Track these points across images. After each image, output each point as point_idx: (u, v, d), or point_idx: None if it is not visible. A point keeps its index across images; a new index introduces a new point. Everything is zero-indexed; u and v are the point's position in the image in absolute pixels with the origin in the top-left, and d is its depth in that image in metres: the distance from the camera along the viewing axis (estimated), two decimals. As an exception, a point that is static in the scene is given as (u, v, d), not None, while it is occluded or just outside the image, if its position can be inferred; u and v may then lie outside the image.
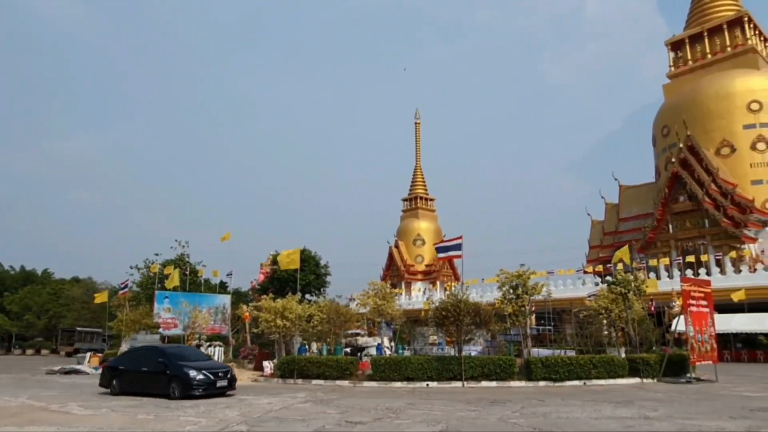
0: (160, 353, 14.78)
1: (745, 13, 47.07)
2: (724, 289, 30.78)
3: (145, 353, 15.33)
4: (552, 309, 34.02)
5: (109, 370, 15.40)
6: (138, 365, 14.70)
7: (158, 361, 14.28)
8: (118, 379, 14.82)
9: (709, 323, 19.43)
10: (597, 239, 52.55)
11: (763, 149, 41.86)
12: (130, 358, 15.63)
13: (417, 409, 11.58)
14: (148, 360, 14.63)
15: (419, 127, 73.70)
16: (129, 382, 14.62)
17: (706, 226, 40.27)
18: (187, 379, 13.55)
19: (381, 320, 24.34)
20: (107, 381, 15.16)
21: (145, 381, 14.35)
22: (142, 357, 15.01)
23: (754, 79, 43.84)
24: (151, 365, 14.33)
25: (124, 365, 15.11)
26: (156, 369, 14.14)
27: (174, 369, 13.90)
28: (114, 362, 15.86)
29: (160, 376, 13.92)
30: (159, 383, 13.91)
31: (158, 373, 14.02)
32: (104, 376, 15.45)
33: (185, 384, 13.50)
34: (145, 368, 14.46)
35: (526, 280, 19.71)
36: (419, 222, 69.43)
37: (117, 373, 14.97)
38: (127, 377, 14.71)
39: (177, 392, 13.43)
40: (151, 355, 14.84)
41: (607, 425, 9.30)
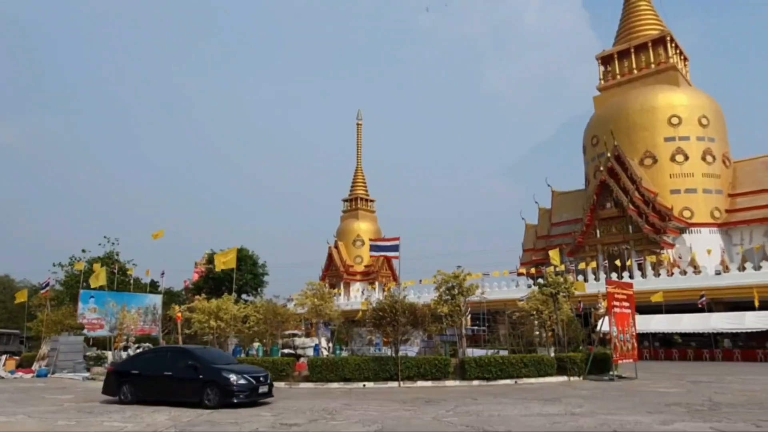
0: (189, 355, 12.95)
1: (667, 32, 50.21)
2: (645, 292, 32.68)
3: (166, 355, 13.47)
4: (487, 310, 34.96)
5: (116, 375, 13.43)
6: (158, 369, 12.81)
7: (188, 364, 12.48)
8: (130, 386, 12.93)
9: (630, 324, 20.58)
10: (530, 243, 54.46)
11: (681, 161, 44.76)
12: (146, 360, 13.59)
13: (353, 410, 11.59)
14: (172, 363, 12.77)
15: (361, 129, 73.92)
16: (146, 388, 12.85)
17: (629, 231, 42.60)
18: (226, 385, 11.96)
19: (319, 321, 24.19)
20: (114, 387, 13.21)
21: (169, 387, 12.59)
22: (164, 359, 13.11)
23: (675, 95, 46.83)
24: (178, 369, 12.52)
25: (138, 369, 13.13)
26: (185, 374, 12.37)
27: (209, 373, 12.23)
28: (122, 366, 13.92)
29: (191, 382, 12.23)
30: (189, 390, 12.29)
31: (188, 378, 12.29)
32: (110, 382, 13.47)
33: (225, 390, 11.93)
34: (168, 372, 12.58)
35: (462, 282, 20.13)
36: (359, 223, 69.59)
37: (128, 379, 13.04)
38: (143, 383, 12.88)
39: (214, 399, 11.90)
40: (176, 358, 12.98)
41: (535, 422, 9.66)
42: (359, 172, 73.45)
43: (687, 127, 45.18)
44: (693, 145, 44.90)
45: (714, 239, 42.48)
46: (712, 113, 46.36)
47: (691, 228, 42.88)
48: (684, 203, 43.62)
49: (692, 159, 44.61)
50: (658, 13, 53.47)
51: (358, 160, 73.54)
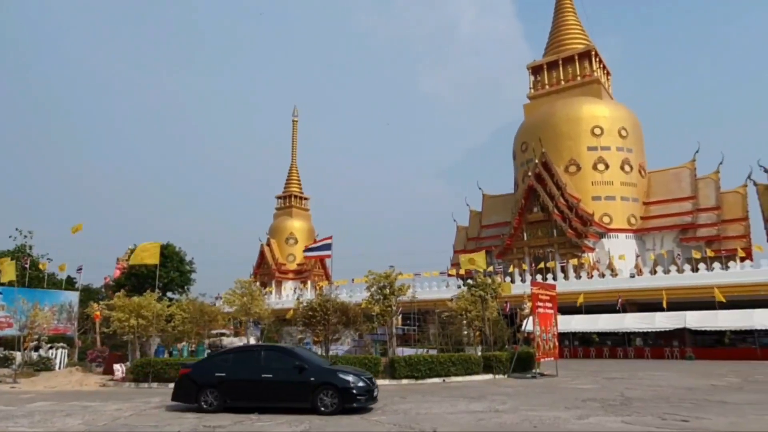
0: (292, 355, 11.61)
1: (592, 47, 52.94)
2: (567, 293, 34.26)
3: (259, 355, 11.76)
4: (417, 310, 35.43)
5: (194, 380, 11.54)
6: (252, 371, 11.29)
7: (294, 365, 11.12)
8: (215, 391, 11.26)
9: (553, 323, 21.51)
10: (461, 244, 55.76)
11: (602, 170, 47.29)
12: (232, 362, 11.75)
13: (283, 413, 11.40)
14: (271, 364, 11.35)
15: (296, 125, 73.00)
16: (237, 394, 11.27)
17: (554, 235, 44.53)
18: (346, 388, 10.76)
19: (248, 320, 23.67)
20: (192, 393, 11.41)
21: (270, 392, 11.13)
22: (256, 360, 11.57)
23: (598, 107, 49.44)
24: (280, 371, 11.15)
25: (224, 372, 11.39)
26: (289, 376, 11.02)
27: (323, 375, 11.05)
28: (201, 369, 11.82)
29: (300, 386, 10.93)
30: (297, 394, 10.99)
31: (294, 381, 10.97)
32: (186, 387, 11.59)
33: (345, 394, 10.71)
34: (267, 375, 11.15)
35: (393, 282, 20.32)
36: (293, 221, 68.67)
37: (212, 383, 11.31)
38: (233, 388, 11.27)
39: (331, 404, 10.69)
40: (275, 358, 11.55)
41: (461, 419, 9.89)
42: (294, 169, 72.50)
43: (608, 137, 47.80)
44: (613, 155, 47.54)
45: (630, 244, 45.17)
46: (630, 125, 49.30)
47: (610, 233, 45.37)
48: (604, 209, 46.10)
49: (612, 168, 47.23)
50: (584, 29, 56.27)
51: (293, 157, 72.61)
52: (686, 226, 44.39)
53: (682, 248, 43.51)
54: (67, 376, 20.12)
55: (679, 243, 44.33)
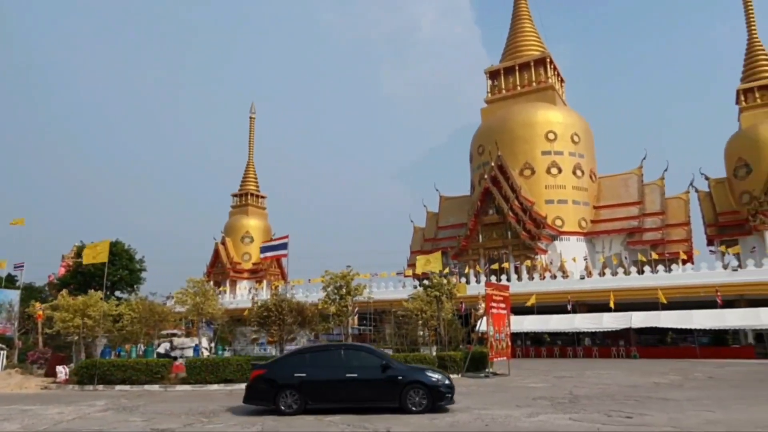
0: (375, 354, 11.44)
1: (548, 54, 54.37)
2: (520, 294, 35.02)
3: (339, 355, 11.35)
4: (374, 310, 35.52)
5: (269, 382, 10.90)
6: (334, 371, 10.86)
7: (380, 364, 10.90)
8: (295, 392, 10.70)
9: (506, 324, 21.94)
10: (418, 245, 56.19)
11: (555, 174, 48.60)
12: (313, 361, 11.21)
13: (233, 412, 11.20)
14: (354, 364, 11.01)
15: (254, 122, 71.84)
16: (320, 395, 10.83)
17: (509, 237, 45.43)
18: (435, 386, 10.72)
19: (201, 320, 23.15)
20: (269, 395, 10.80)
21: (355, 392, 10.80)
22: (336, 360, 11.16)
23: (552, 113, 50.80)
24: (365, 370, 10.84)
25: (304, 372, 10.84)
26: (375, 375, 10.75)
27: (410, 374, 10.93)
28: (278, 369, 11.13)
29: (387, 385, 10.69)
30: (385, 393, 10.73)
31: (381, 380, 10.72)
32: (261, 389, 10.96)
33: (435, 392, 10.65)
34: (352, 374, 10.78)
35: (350, 282, 20.31)
36: (249, 219, 67.50)
37: (291, 385, 10.74)
38: (315, 389, 10.80)
39: (420, 403, 10.52)
40: (357, 357, 11.23)
41: (414, 419, 9.94)
42: (251, 166, 71.31)
43: (561, 142, 49.17)
44: (566, 160, 48.94)
45: (580, 247, 46.59)
46: (582, 132, 50.88)
47: (562, 236, 46.67)
48: (556, 213, 47.38)
49: (565, 172, 48.59)
50: (540, 36, 57.72)
51: (250, 155, 71.39)
52: (633, 230, 46.14)
53: (629, 251, 45.20)
54: (6, 378, 19.16)
55: (626, 246, 46.03)
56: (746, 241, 40.90)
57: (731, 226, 43.15)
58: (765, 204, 39.73)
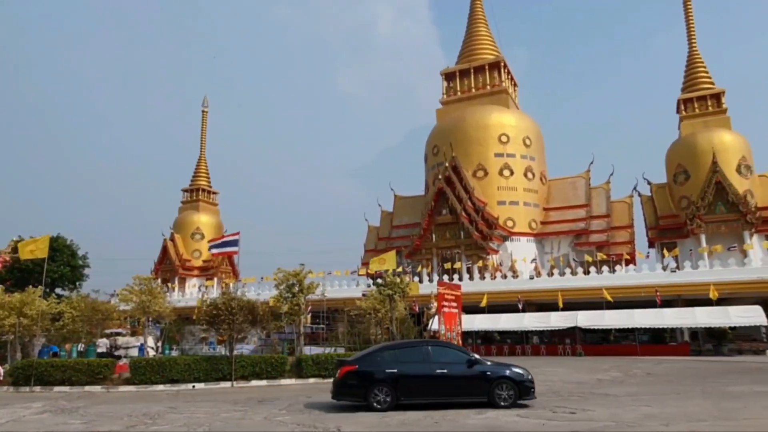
0: (461, 350, 11.67)
1: (502, 59, 55.50)
2: (472, 293, 35.62)
3: (426, 351, 11.37)
4: (327, 308, 35.34)
5: (360, 377, 10.92)
6: (426, 367, 10.98)
7: (468, 360, 11.14)
8: (387, 388, 10.74)
9: (457, 322, 22.25)
10: (372, 244, 56.30)
11: (507, 175, 49.66)
12: (401, 357, 11.23)
13: (178, 413, 10.91)
14: (441, 360, 11.10)
15: (206, 116, 70.15)
16: (410, 390, 10.90)
17: (461, 237, 46.11)
18: (522, 381, 11.03)
19: (147, 318, 22.42)
20: (361, 392, 10.83)
21: (445, 388, 10.99)
22: (423, 356, 11.19)
23: (505, 116, 51.89)
24: (453, 367, 11.00)
25: (395, 368, 10.91)
26: (464, 371, 10.96)
27: (497, 369, 11.21)
28: (369, 365, 11.10)
29: (477, 380, 10.93)
30: (475, 389, 10.95)
31: (471, 376, 10.94)
32: (351, 385, 10.98)
33: (522, 387, 10.97)
34: (442, 371, 10.93)
35: (303, 280, 20.12)
36: (199, 215, 65.87)
37: (384, 380, 10.79)
38: (406, 385, 10.85)
39: (509, 398, 10.79)
40: (443, 354, 11.33)
41: (366, 418, 9.96)
42: (202, 161, 69.59)
43: (514, 145, 50.29)
44: (518, 162, 50.09)
45: (530, 247, 47.79)
46: (534, 135, 52.20)
47: (513, 236, 47.74)
48: (508, 214, 48.43)
49: (516, 174, 49.72)
50: (495, 40, 58.84)
51: (202, 149, 69.66)
52: (580, 232, 47.69)
53: (577, 252, 46.68)
54: (-68, 380, 17.99)
55: (574, 247, 47.52)
56: (684, 244, 42.97)
57: (671, 229, 45.22)
58: (702, 209, 41.85)
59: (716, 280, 32.72)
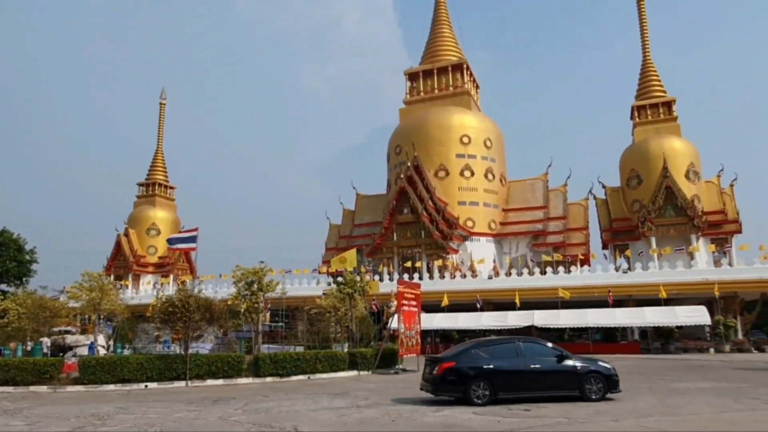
0: (550, 346, 12.00)
1: (465, 60, 56.15)
2: (431, 292, 35.91)
3: (517, 347, 11.63)
4: (286, 307, 34.99)
5: (459, 373, 11.10)
6: (520, 363, 11.29)
7: (555, 356, 11.51)
8: (485, 383, 10.99)
9: (416, 321, 22.41)
10: (333, 242, 56.05)
11: (468, 176, 50.29)
12: (495, 353, 11.53)
13: (129, 414, 10.59)
14: (533, 355, 11.46)
15: (164, 108, 68.26)
16: (507, 385, 11.22)
17: (422, 236, 46.41)
18: (611, 375, 11.48)
19: (97, 316, 21.69)
20: (460, 387, 11.05)
21: (539, 382, 11.35)
22: (519, 352, 11.48)
23: (467, 117, 52.52)
24: (544, 362, 11.36)
25: (491, 364, 11.20)
26: (554, 366, 11.33)
27: (586, 363, 11.63)
28: (466, 361, 11.31)
29: (568, 375, 11.33)
30: (566, 383, 11.35)
31: (562, 371, 11.33)
32: (451, 381, 11.17)
33: (610, 381, 11.44)
34: (535, 365, 11.28)
35: (262, 277, 19.87)
36: (155, 210, 64.05)
37: (482, 376, 11.04)
38: (502, 380, 11.17)
39: (599, 391, 11.24)
40: (535, 350, 11.71)
41: (323, 416, 9.90)
42: (159, 155, 67.67)
43: (475, 146, 50.96)
44: (478, 163, 50.78)
45: (489, 247, 48.54)
46: (494, 137, 53.03)
47: (473, 236, 48.39)
48: (468, 214, 49.05)
49: (477, 175, 50.41)
50: (458, 42, 59.45)
51: (159, 142, 67.73)
52: (538, 233, 48.73)
53: (534, 252, 47.67)
54: None
55: (531, 248, 48.51)
56: (635, 246, 44.49)
57: (623, 231, 46.72)
58: (652, 212, 43.40)
59: (665, 281, 34.01)
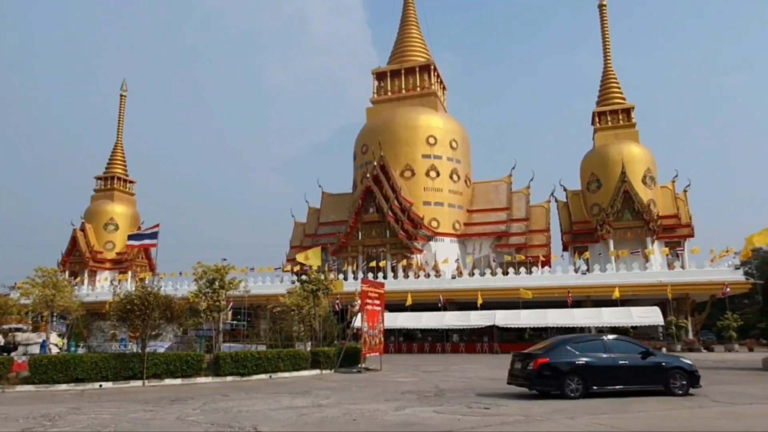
0: (635, 343, 12.86)
1: (432, 62, 56.58)
2: (395, 291, 36.08)
3: (609, 343, 12.34)
4: (249, 305, 34.56)
5: (554, 368, 11.69)
6: (609, 358, 11.92)
7: (640, 352, 12.17)
8: (579, 377, 11.61)
9: (380, 320, 22.44)
10: (298, 240, 55.65)
11: (434, 177, 50.72)
12: (585, 349, 12.08)
13: (82, 414, 10.26)
14: (622, 352, 12.11)
15: (125, 100, 66.42)
16: (599, 380, 11.78)
17: (387, 236, 46.56)
18: (694, 371, 12.13)
19: (50, 313, 20.93)
20: (555, 382, 11.65)
21: (629, 377, 11.95)
22: (607, 348, 12.14)
23: (433, 118, 52.95)
24: (630, 357, 12.00)
25: (583, 360, 11.77)
26: (640, 362, 11.98)
27: (670, 360, 12.53)
28: (560, 357, 11.88)
29: (655, 371, 11.98)
30: (653, 378, 11.98)
31: (650, 366, 11.99)
32: (547, 376, 11.74)
33: (693, 377, 12.06)
34: (624, 362, 11.91)
35: (224, 275, 19.56)
36: (114, 205, 62.23)
37: (576, 371, 11.65)
38: (595, 375, 11.76)
39: (681, 387, 11.90)
40: (622, 346, 12.40)
41: (283, 415, 9.81)
42: (119, 148, 65.76)
43: (441, 147, 51.42)
44: (444, 164, 51.25)
45: (453, 248, 49.05)
46: (460, 138, 53.62)
47: (437, 237, 48.82)
48: (433, 214, 49.45)
49: (443, 176, 50.88)
50: (426, 43, 59.84)
51: (119, 135, 65.82)
52: (501, 234, 49.52)
53: (497, 253, 48.42)
54: None
55: (494, 248, 49.25)
56: (594, 248, 45.68)
57: (583, 233, 47.91)
58: (611, 216, 44.64)
59: (621, 283, 35.06)
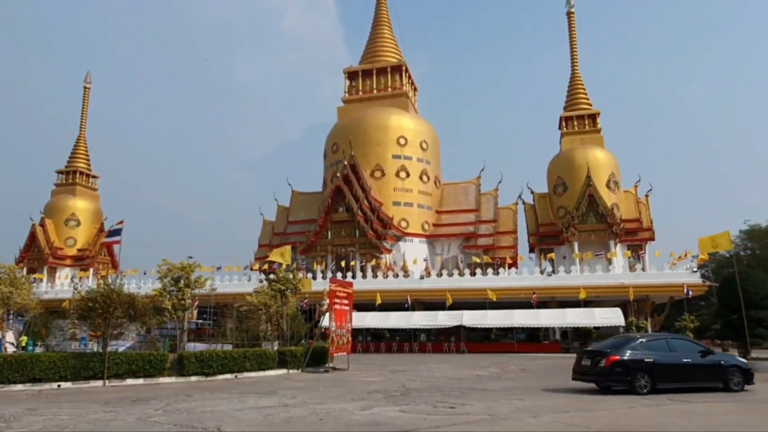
0: (694, 342, 14.04)
1: (404, 62, 56.81)
2: (363, 291, 36.08)
3: (670, 342, 13.22)
4: (215, 304, 34.07)
5: (625, 366, 12.40)
6: (673, 357, 12.72)
7: (703, 350, 13.21)
8: (647, 375, 12.35)
9: (348, 319, 22.43)
10: (267, 238, 55.11)
11: (404, 177, 50.92)
12: (649, 348, 12.82)
13: (39, 415, 9.98)
14: (684, 351, 13.00)
15: (89, 93, 64.55)
16: (664, 377, 12.59)
17: (356, 235, 46.53)
18: (749, 369, 13.21)
19: (6, 311, 20.23)
20: (625, 378, 12.39)
21: (691, 374, 12.84)
22: (670, 347, 12.96)
23: (404, 119, 53.17)
24: (695, 356, 12.87)
25: (650, 358, 12.51)
26: (703, 360, 12.87)
27: (727, 358, 13.67)
28: (630, 355, 12.58)
29: (714, 368, 12.93)
30: (713, 376, 12.89)
31: (710, 364, 12.92)
32: (618, 373, 12.47)
33: (748, 374, 13.05)
34: (687, 360, 12.77)
35: (190, 273, 19.26)
36: (76, 200, 60.37)
37: (644, 368, 12.38)
38: (661, 372, 12.52)
39: (737, 383, 12.78)
40: (682, 345, 13.36)
41: (248, 416, 9.74)
42: (82, 141, 63.83)
43: (411, 148, 51.67)
44: (414, 165, 51.51)
45: (422, 248, 49.33)
46: (430, 140, 53.98)
47: (406, 237, 49.03)
48: (403, 215, 49.65)
49: (412, 177, 51.14)
50: (398, 44, 60.04)
51: (82, 128, 63.88)
52: (469, 235, 50.05)
53: (465, 254, 48.92)
54: None
55: (463, 249, 49.75)
56: (560, 250, 46.57)
57: (549, 236, 48.79)
58: (576, 218, 45.61)
59: (585, 284, 35.85)
